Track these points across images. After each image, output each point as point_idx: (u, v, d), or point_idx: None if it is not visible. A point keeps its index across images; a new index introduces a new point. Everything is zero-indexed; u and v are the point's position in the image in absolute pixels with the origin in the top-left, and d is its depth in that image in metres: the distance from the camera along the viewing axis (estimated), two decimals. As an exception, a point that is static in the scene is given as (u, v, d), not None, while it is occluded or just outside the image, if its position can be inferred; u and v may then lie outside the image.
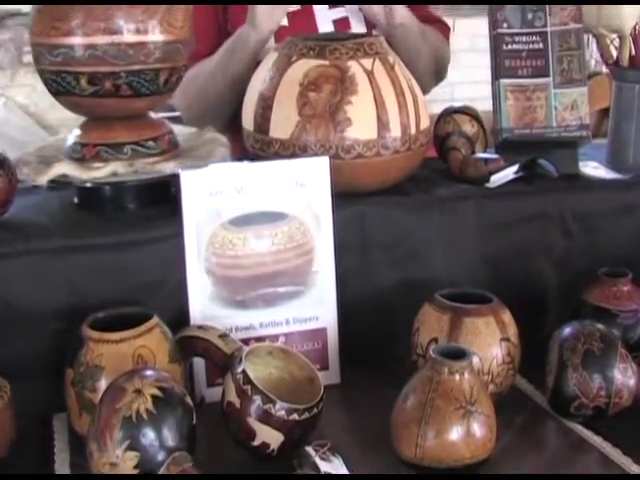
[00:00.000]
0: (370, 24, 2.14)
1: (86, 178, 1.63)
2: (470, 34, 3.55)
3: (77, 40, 1.56)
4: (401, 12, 2.07)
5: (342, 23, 2.15)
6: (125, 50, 1.56)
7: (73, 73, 1.58)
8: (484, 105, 2.02)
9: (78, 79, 1.58)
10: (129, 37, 1.56)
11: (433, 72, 2.26)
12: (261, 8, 1.96)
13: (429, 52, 2.19)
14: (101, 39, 1.55)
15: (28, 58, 1.52)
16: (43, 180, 1.62)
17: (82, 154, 1.66)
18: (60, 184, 1.65)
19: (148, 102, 1.66)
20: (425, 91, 2.22)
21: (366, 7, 2.09)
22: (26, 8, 1.58)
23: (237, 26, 2.08)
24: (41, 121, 4.27)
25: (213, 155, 1.68)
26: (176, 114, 2.24)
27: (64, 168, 1.63)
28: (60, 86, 1.61)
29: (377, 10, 2.07)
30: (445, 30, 2.36)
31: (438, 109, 1.97)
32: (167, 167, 1.64)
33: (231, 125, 2.07)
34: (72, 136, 1.70)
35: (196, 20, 2.21)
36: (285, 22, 2.05)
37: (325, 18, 2.13)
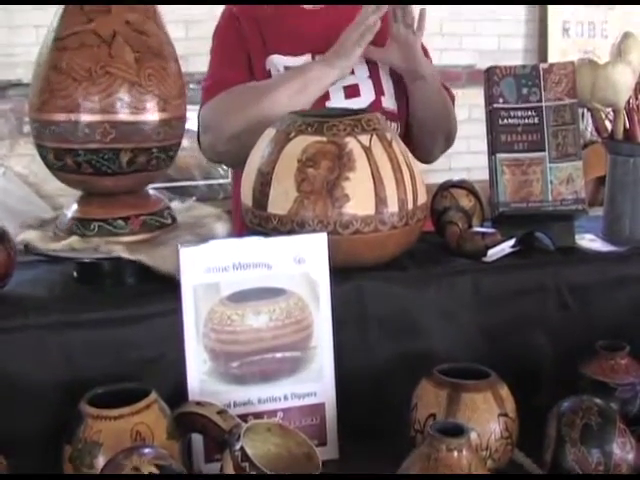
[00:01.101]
0: (379, 90, 2.21)
1: (43, 248, 1.65)
2: (468, 105, 3.58)
3: (43, 116, 1.60)
4: (426, 65, 2.19)
5: (352, 90, 2.20)
6: (82, 128, 1.58)
7: (43, 147, 1.63)
8: (482, 175, 2.03)
9: (47, 153, 1.63)
10: (85, 116, 1.57)
11: (444, 133, 2.32)
12: (354, 53, 2.07)
13: (444, 110, 2.27)
14: (59, 116, 1.58)
15: (28, 128, 1.54)
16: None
17: (65, 226, 1.69)
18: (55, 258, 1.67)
19: (113, 181, 1.64)
20: (434, 154, 2.32)
21: (388, 58, 2.20)
22: (27, 79, 1.61)
23: (259, 72, 2.19)
24: (40, 191, 4.28)
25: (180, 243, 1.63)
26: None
27: (29, 236, 1.66)
28: (41, 158, 1.66)
29: (399, 62, 2.18)
30: (451, 98, 2.40)
31: (436, 179, 1.99)
32: (117, 249, 1.62)
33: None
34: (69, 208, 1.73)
35: (224, 51, 2.28)
36: None
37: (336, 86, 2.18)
